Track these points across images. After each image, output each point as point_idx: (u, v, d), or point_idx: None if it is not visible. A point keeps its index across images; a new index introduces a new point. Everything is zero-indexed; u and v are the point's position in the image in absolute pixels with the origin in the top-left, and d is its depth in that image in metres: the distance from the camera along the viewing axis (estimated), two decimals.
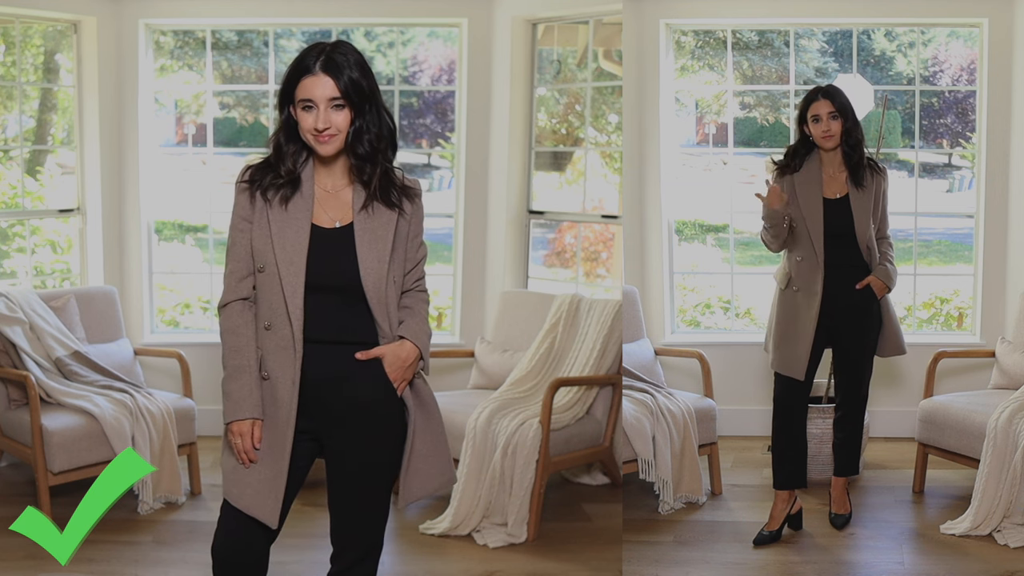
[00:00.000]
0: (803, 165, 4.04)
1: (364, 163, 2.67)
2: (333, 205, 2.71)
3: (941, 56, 6.08)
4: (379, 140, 2.66)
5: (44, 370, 4.63)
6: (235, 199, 2.73)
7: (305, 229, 2.67)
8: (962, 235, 6.32)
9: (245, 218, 2.71)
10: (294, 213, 2.67)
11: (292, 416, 2.69)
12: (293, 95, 2.64)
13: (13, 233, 5.80)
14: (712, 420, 4.72)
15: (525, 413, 4.40)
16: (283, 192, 2.67)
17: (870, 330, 4.11)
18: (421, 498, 2.84)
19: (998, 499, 4.16)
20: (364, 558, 2.91)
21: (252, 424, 2.67)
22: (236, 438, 2.68)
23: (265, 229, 2.67)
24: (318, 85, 2.60)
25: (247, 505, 2.73)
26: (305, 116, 2.62)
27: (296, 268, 2.65)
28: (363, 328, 2.71)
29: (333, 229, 2.69)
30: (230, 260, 2.73)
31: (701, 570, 3.96)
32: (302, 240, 2.66)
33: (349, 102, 2.62)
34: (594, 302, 4.87)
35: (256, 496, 2.72)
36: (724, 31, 5.71)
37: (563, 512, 4.58)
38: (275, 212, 2.68)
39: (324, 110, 2.61)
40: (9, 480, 4.87)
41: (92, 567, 3.95)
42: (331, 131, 2.61)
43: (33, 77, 5.81)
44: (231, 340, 2.70)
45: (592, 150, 5.83)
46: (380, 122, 2.67)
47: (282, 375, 2.68)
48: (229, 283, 2.74)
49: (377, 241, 2.68)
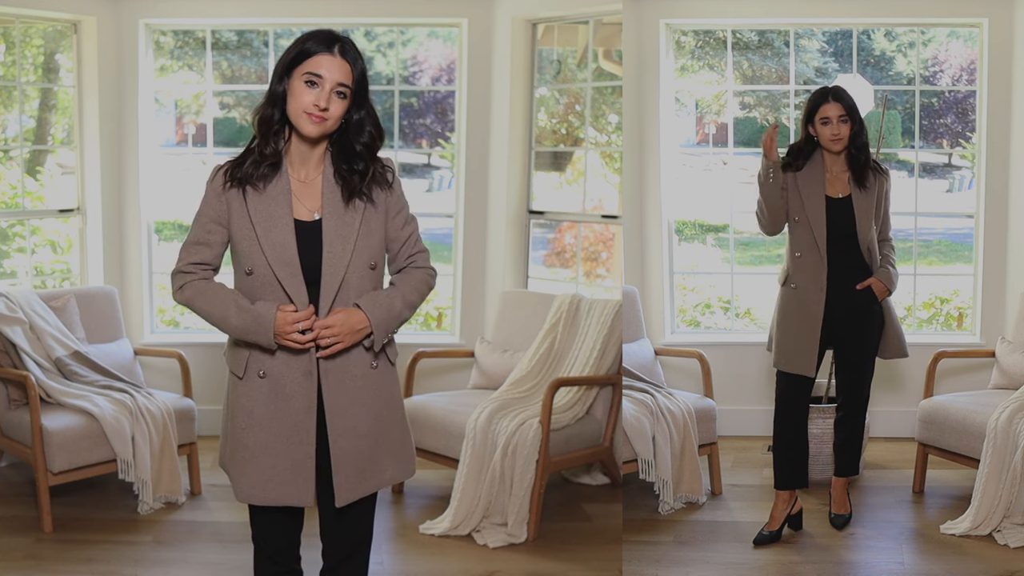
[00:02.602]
0: (805, 165, 4.03)
1: (364, 151, 2.69)
2: (308, 195, 2.72)
3: (941, 56, 6.08)
4: (378, 133, 2.71)
5: (44, 370, 4.63)
6: (206, 198, 2.73)
7: (289, 226, 2.68)
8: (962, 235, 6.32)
9: (215, 220, 2.71)
10: (275, 208, 2.68)
11: (312, 405, 2.72)
12: (295, 69, 2.64)
13: (13, 233, 5.81)
14: (712, 420, 4.72)
15: (525, 413, 4.40)
16: (264, 173, 2.67)
17: (871, 331, 4.11)
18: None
19: (998, 499, 4.16)
20: (353, 553, 2.92)
21: (277, 309, 2.64)
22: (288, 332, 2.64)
23: (248, 231, 2.67)
24: (334, 66, 2.62)
25: (275, 498, 2.76)
26: (305, 91, 2.62)
27: (292, 268, 2.66)
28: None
29: (313, 222, 2.70)
30: (193, 254, 2.73)
31: (701, 570, 3.96)
32: (289, 239, 2.67)
33: (352, 93, 2.64)
34: (594, 302, 4.87)
35: (281, 486, 2.75)
36: (724, 31, 5.71)
37: (563, 512, 4.58)
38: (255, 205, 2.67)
39: (329, 91, 2.62)
40: (9, 480, 4.87)
41: (92, 567, 3.95)
42: (327, 114, 2.62)
43: (33, 77, 5.81)
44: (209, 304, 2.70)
45: (592, 150, 5.83)
46: (375, 117, 2.72)
47: (286, 370, 2.70)
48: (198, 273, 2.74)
49: (342, 229, 2.69)
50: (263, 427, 2.74)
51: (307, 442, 2.73)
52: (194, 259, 2.73)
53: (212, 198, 2.72)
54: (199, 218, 2.74)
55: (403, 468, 2.90)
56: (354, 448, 2.77)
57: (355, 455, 2.77)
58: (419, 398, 4.78)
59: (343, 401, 2.74)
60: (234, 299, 2.69)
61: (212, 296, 2.71)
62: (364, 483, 2.81)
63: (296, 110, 2.63)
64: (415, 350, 5.06)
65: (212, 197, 2.72)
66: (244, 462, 2.76)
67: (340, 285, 2.68)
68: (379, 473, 2.83)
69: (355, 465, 2.78)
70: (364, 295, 2.72)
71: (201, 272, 2.74)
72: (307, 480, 2.74)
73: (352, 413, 2.76)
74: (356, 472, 2.78)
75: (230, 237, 2.73)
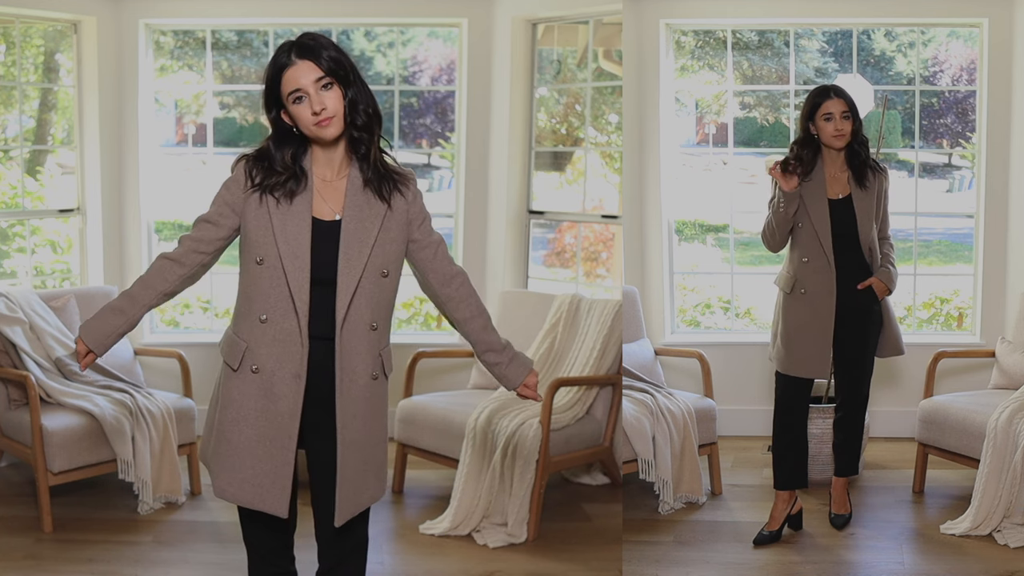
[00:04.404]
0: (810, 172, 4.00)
1: (363, 133, 2.68)
2: (331, 196, 2.72)
3: (941, 56, 6.08)
4: (372, 109, 2.68)
5: (44, 370, 4.63)
6: (228, 186, 2.72)
7: (307, 222, 2.67)
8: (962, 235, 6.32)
9: (229, 204, 2.71)
10: (295, 205, 2.68)
11: (297, 409, 2.70)
12: (279, 96, 2.64)
13: (13, 233, 5.80)
14: (712, 420, 4.72)
15: (525, 413, 4.40)
16: (288, 187, 2.67)
17: (871, 331, 4.11)
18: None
19: (998, 499, 4.16)
20: (349, 555, 2.91)
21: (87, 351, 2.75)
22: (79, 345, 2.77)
23: (265, 220, 2.67)
24: (301, 72, 2.61)
25: (249, 500, 2.74)
26: (300, 108, 2.62)
27: (301, 263, 2.65)
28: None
29: (333, 222, 2.70)
30: (195, 229, 2.75)
31: (701, 570, 3.96)
32: (304, 233, 2.66)
33: (336, 78, 2.63)
34: (594, 302, 4.87)
35: (257, 489, 2.73)
36: (724, 31, 5.71)
37: (563, 512, 4.58)
38: (274, 202, 2.68)
39: (315, 94, 2.61)
40: (9, 480, 4.87)
41: (92, 567, 3.94)
42: (328, 113, 2.61)
43: (33, 77, 5.81)
44: (138, 285, 2.75)
45: (592, 150, 5.83)
46: (367, 93, 2.69)
47: (279, 368, 2.69)
48: (184, 245, 2.76)
49: (361, 232, 2.68)
50: (249, 423, 2.72)
51: (287, 448, 2.70)
52: (195, 234, 2.74)
53: (233, 186, 2.71)
54: (216, 199, 2.73)
55: (380, 487, 2.87)
56: (358, 461, 2.75)
57: (356, 470, 2.76)
58: (419, 398, 4.78)
59: (350, 411, 2.72)
60: (124, 298, 2.75)
61: (147, 279, 2.76)
62: (358, 499, 2.80)
63: (306, 128, 2.64)
64: (415, 350, 5.06)
65: (233, 186, 2.71)
66: (225, 457, 2.75)
67: (356, 288, 2.67)
68: (367, 489, 2.81)
69: (354, 481, 2.76)
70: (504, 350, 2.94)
71: (191, 250, 2.74)
72: (284, 488, 2.72)
73: (354, 426, 2.74)
74: (354, 489, 2.77)
75: (242, 226, 2.71)
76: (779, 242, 4.05)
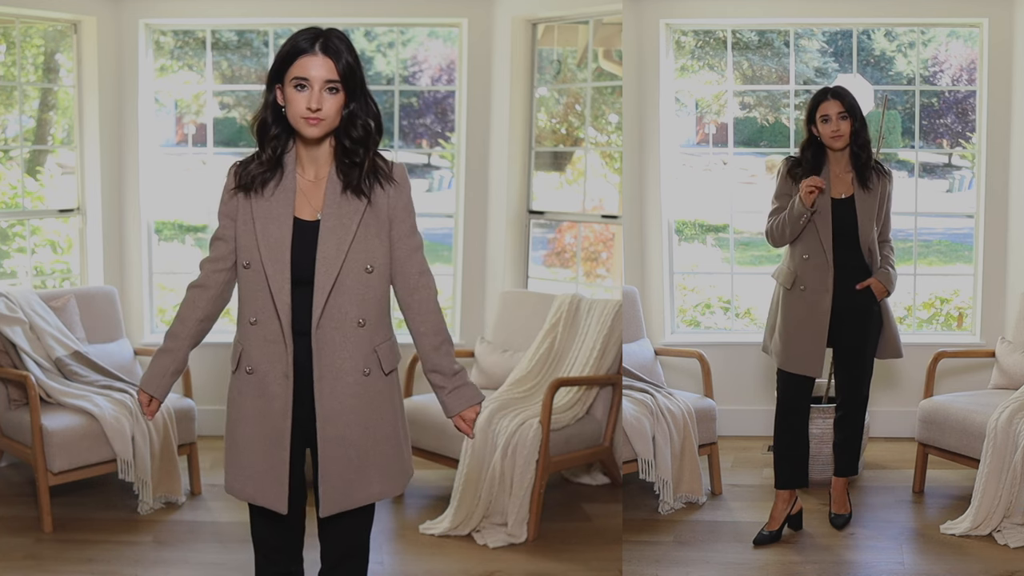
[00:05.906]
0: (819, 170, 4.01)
1: (358, 146, 2.68)
2: (315, 195, 2.72)
3: (941, 56, 6.08)
4: (373, 124, 2.68)
5: (44, 370, 4.63)
6: (223, 197, 2.80)
7: (288, 224, 2.68)
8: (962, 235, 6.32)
9: (227, 215, 2.77)
10: (277, 207, 2.69)
11: (288, 408, 2.73)
12: (284, 75, 2.64)
13: (13, 233, 5.80)
14: (712, 420, 4.72)
15: (525, 413, 4.40)
16: (265, 178, 2.69)
17: (871, 331, 4.11)
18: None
19: (998, 499, 4.16)
20: (350, 555, 2.91)
21: (150, 399, 2.84)
22: (141, 395, 2.86)
23: (249, 225, 2.71)
24: (316, 65, 2.61)
25: (252, 496, 2.80)
26: (297, 96, 2.62)
27: (281, 265, 2.67)
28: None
29: (315, 222, 2.70)
30: (211, 249, 2.83)
31: (701, 570, 3.96)
32: (285, 236, 2.67)
33: (344, 86, 2.62)
34: (594, 302, 4.87)
35: (259, 486, 2.78)
36: (724, 31, 5.71)
37: (563, 512, 4.58)
38: (258, 206, 2.69)
39: (318, 91, 2.60)
40: (9, 480, 4.87)
41: (92, 567, 3.95)
42: (321, 115, 2.61)
43: (33, 77, 5.81)
44: (175, 322, 2.84)
45: (592, 150, 5.83)
46: (370, 108, 2.69)
47: (271, 369, 2.71)
48: (204, 268, 2.83)
49: (340, 230, 2.68)
50: (248, 423, 2.76)
51: (282, 446, 2.73)
52: (212, 253, 2.80)
53: (225, 196, 2.77)
54: (219, 214, 2.80)
55: (391, 485, 2.85)
56: (342, 457, 2.74)
57: (342, 465, 2.75)
58: (419, 398, 4.78)
59: (335, 407, 2.72)
60: (167, 338, 2.84)
61: (180, 313, 2.84)
62: (349, 496, 2.78)
63: (293, 116, 2.63)
64: (414, 351, 5.04)
65: (225, 195, 2.77)
66: (232, 454, 2.83)
67: (333, 286, 2.67)
68: (365, 487, 2.80)
69: (341, 476, 2.75)
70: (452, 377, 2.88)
71: (211, 271, 2.80)
72: (281, 486, 2.74)
73: (343, 421, 2.73)
74: (342, 483, 2.76)
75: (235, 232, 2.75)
76: (788, 241, 4.05)
